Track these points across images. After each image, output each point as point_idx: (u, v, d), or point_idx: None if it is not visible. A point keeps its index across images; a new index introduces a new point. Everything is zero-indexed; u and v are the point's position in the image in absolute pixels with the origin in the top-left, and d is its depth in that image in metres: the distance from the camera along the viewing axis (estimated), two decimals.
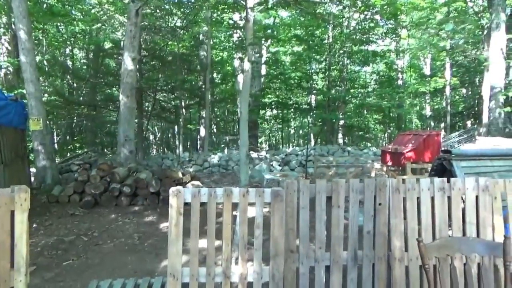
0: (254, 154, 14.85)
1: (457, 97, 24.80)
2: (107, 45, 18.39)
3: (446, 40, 17.88)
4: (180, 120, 19.65)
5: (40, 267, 4.39)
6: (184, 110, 19.93)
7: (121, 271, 4.25)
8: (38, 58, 13.29)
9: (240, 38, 16.25)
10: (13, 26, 12.34)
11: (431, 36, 17.85)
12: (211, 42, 18.85)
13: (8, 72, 14.18)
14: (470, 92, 24.03)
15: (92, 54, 19.90)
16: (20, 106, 7.63)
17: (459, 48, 17.57)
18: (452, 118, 22.14)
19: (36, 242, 5.31)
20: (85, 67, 21.05)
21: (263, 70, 20.56)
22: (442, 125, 22.29)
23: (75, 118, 20.33)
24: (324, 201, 2.96)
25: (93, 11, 15.53)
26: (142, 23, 13.00)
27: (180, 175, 8.03)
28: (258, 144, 22.41)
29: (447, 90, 20.18)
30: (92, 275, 4.12)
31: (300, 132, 30.87)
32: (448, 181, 3.04)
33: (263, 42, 18.13)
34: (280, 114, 23.58)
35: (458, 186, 3.03)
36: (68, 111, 17.58)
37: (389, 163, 9.31)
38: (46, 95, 15.97)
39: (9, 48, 13.91)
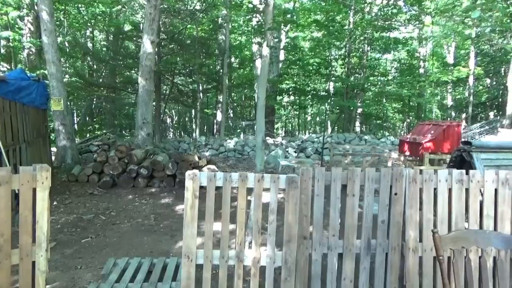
0: (270, 140, 14.85)
1: (480, 87, 24.11)
2: (127, 27, 18.47)
3: (472, 28, 17.27)
4: (197, 104, 19.74)
5: (60, 243, 4.54)
6: (201, 94, 20.00)
7: (137, 250, 4.36)
8: (59, 39, 13.46)
9: (259, 23, 16.10)
10: (35, 7, 12.51)
11: (456, 23, 17.27)
12: (230, 26, 18.71)
13: (31, 52, 14.45)
14: (494, 83, 23.34)
15: (112, 36, 20.04)
16: (42, 87, 7.77)
17: (485, 36, 16.98)
18: (475, 108, 21.57)
19: (57, 220, 5.48)
20: (105, 49, 21.25)
21: (282, 56, 20.35)
22: (464, 115, 21.74)
23: (94, 99, 20.67)
24: (339, 189, 2.96)
25: None
26: (162, 6, 12.99)
27: (196, 158, 8.11)
28: (275, 130, 22.37)
29: (471, 80, 19.62)
30: (110, 252, 4.24)
31: (317, 119, 30.62)
32: (467, 173, 2.98)
33: (282, 27, 17.89)
34: (297, 101, 23.36)
35: (477, 179, 2.97)
36: (88, 93, 17.84)
37: (407, 153, 9.18)
38: (67, 76, 16.23)
39: (32, 29, 14.12)
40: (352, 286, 2.93)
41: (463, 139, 6.91)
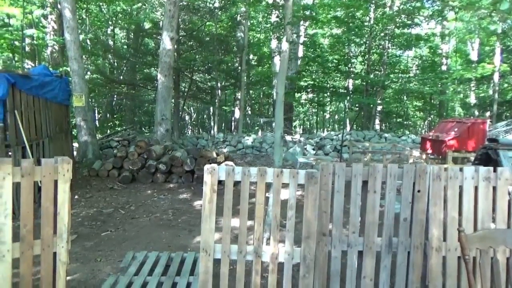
0: (288, 137, 14.76)
1: (506, 85, 23.30)
2: (147, 25, 18.66)
3: (498, 24, 16.73)
4: (216, 101, 19.80)
5: (81, 236, 4.61)
6: (219, 91, 20.05)
7: (155, 244, 4.39)
8: (81, 37, 13.70)
9: (278, 18, 16.02)
10: (58, 5, 12.76)
11: (481, 18, 16.75)
12: (249, 23, 18.68)
13: (54, 50, 14.76)
14: None
15: (132, 34, 20.30)
16: (64, 83, 7.91)
17: None
18: (499, 107, 20.88)
19: (78, 213, 5.58)
20: (125, 46, 21.55)
21: (300, 53, 20.19)
22: (488, 114, 21.06)
23: (115, 96, 20.99)
24: (360, 185, 2.89)
25: None
26: (181, 3, 13.06)
27: (215, 155, 8.13)
28: (293, 128, 22.24)
29: (496, 77, 19.00)
30: (129, 246, 4.28)
31: (336, 117, 30.28)
32: (495, 171, 2.87)
33: (301, 23, 17.73)
34: (316, 98, 23.14)
35: (505, 176, 2.85)
36: (109, 89, 18.16)
37: (429, 151, 8.96)
38: (88, 73, 16.54)
39: (55, 27, 14.41)
40: (372, 284, 2.86)
41: (488, 137, 6.70)
